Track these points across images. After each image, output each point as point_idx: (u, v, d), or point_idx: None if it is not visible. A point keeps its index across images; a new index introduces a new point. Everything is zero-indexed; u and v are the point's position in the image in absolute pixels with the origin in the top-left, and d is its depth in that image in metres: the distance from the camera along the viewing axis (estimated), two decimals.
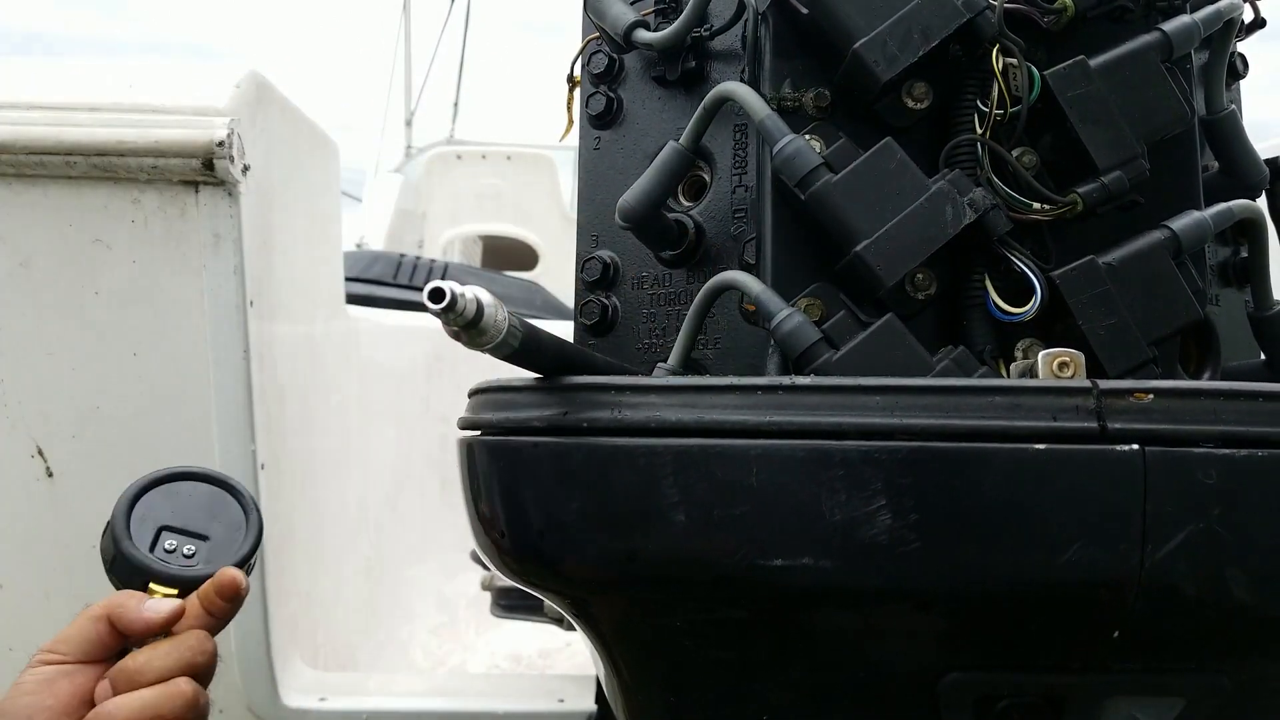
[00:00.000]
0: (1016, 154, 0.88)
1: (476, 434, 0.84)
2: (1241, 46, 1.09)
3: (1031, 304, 0.85)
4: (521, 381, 0.81)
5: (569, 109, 1.15)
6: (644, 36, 1.01)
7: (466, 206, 5.38)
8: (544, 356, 0.77)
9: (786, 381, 0.73)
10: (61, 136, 1.35)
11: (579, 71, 1.11)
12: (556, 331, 0.80)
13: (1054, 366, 0.77)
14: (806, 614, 0.75)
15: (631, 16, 1.02)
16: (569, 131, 1.16)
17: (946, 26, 0.85)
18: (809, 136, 0.87)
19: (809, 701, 0.80)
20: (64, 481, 1.25)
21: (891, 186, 0.84)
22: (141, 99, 1.37)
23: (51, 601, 1.42)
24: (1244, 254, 1.05)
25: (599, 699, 1.51)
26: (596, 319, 1.03)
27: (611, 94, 1.07)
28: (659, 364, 0.93)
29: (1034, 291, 0.85)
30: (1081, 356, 0.78)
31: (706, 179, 1.02)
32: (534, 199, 5.34)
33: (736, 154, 1.00)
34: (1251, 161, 1.02)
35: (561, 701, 1.53)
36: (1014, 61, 0.87)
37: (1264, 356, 1.02)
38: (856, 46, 0.86)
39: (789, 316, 0.83)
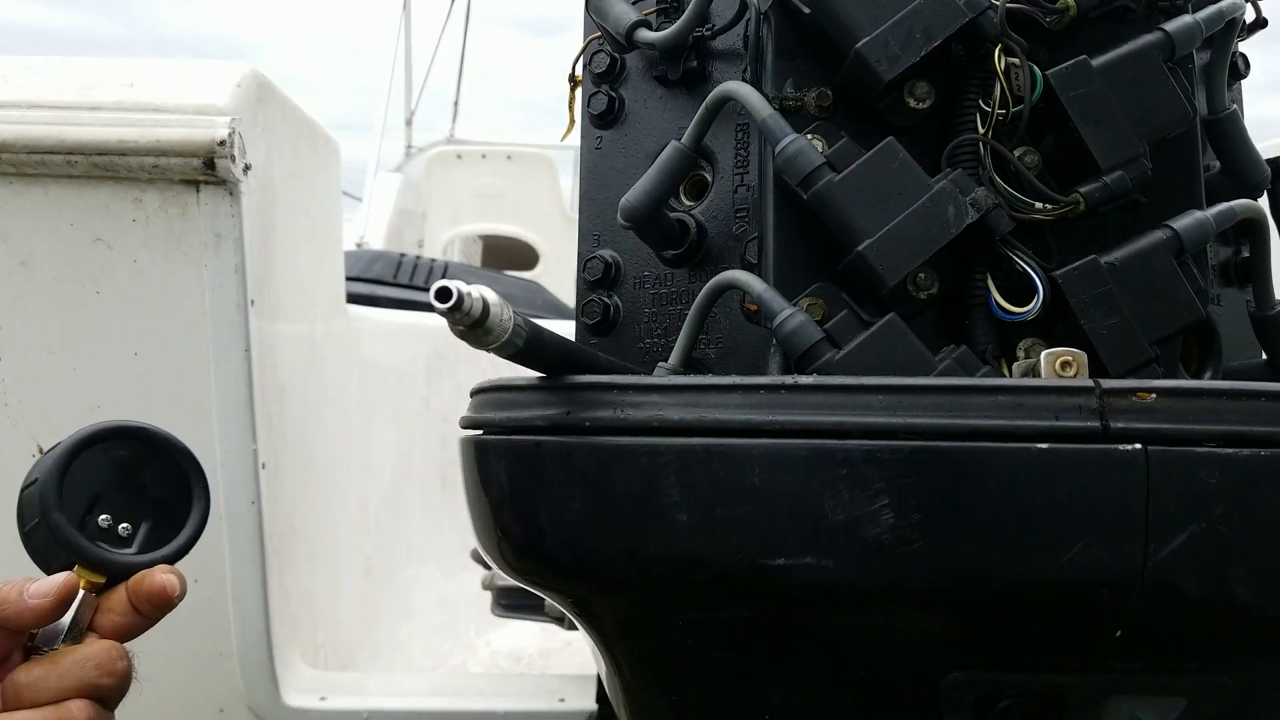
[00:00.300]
0: (1019, 154, 0.88)
1: (479, 433, 0.83)
2: (1243, 47, 1.09)
3: (1034, 303, 0.85)
4: (524, 381, 0.81)
5: (570, 108, 1.15)
6: (646, 36, 1.01)
7: (467, 206, 5.38)
8: (547, 356, 0.77)
9: (789, 381, 0.73)
10: (63, 136, 1.35)
11: (580, 71, 1.11)
12: (557, 331, 0.80)
13: (1056, 366, 0.77)
14: (809, 613, 0.75)
15: (633, 16, 1.02)
16: (570, 131, 1.16)
17: (948, 26, 0.85)
18: (811, 136, 0.87)
19: (811, 701, 0.80)
20: None
21: (894, 186, 0.84)
22: (143, 98, 1.37)
23: None
24: (1245, 254, 1.05)
25: (600, 698, 1.51)
26: (598, 318, 1.03)
27: (613, 93, 1.07)
28: (660, 363, 0.93)
29: (1036, 291, 0.85)
30: (1084, 356, 0.78)
31: (708, 178, 1.01)
32: (534, 199, 5.34)
33: (738, 153, 0.99)
34: (1253, 161, 1.02)
35: (562, 701, 1.54)
36: (1016, 61, 0.87)
37: (1265, 356, 1.02)
38: (859, 46, 0.85)
39: (791, 316, 0.83)
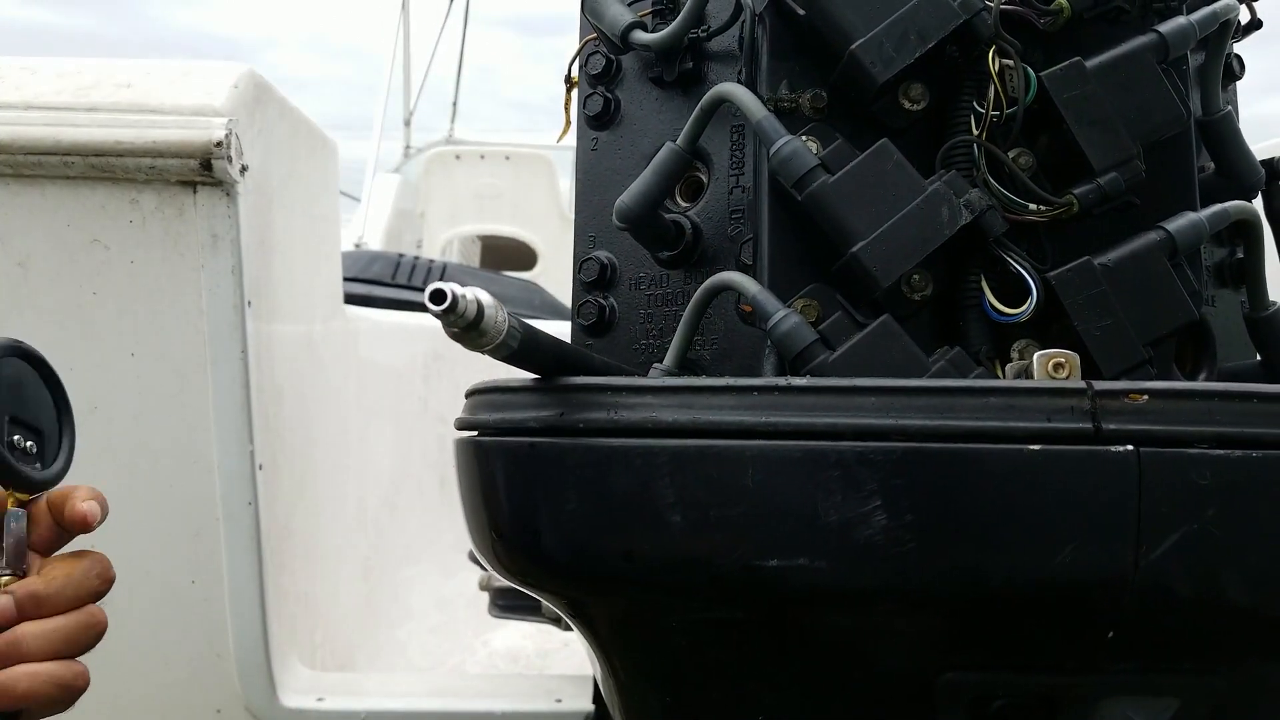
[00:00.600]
0: (1013, 155, 0.88)
1: (473, 434, 0.84)
2: (1238, 48, 1.09)
3: (1027, 305, 0.85)
4: (518, 382, 0.81)
5: (567, 110, 1.15)
6: (641, 38, 1.01)
7: (465, 206, 5.38)
8: (542, 357, 0.77)
9: (782, 382, 0.73)
10: (59, 137, 1.35)
11: (576, 72, 1.11)
12: (555, 332, 0.80)
13: (1049, 368, 0.77)
14: (802, 614, 0.75)
15: (629, 18, 1.02)
16: (566, 132, 1.16)
17: (943, 28, 0.85)
18: (806, 138, 0.87)
19: (805, 701, 0.80)
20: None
21: (888, 188, 0.84)
22: (139, 99, 1.37)
23: None
24: (1240, 255, 1.05)
25: (596, 699, 1.51)
26: (594, 319, 1.03)
27: (609, 95, 1.07)
28: (655, 364, 0.93)
29: (1030, 292, 0.85)
30: (1076, 358, 0.78)
31: (704, 179, 1.02)
32: (532, 199, 5.34)
33: (734, 155, 0.99)
34: (1247, 163, 1.02)
35: (559, 702, 1.53)
36: (1010, 63, 0.87)
37: (1260, 357, 1.02)
38: (853, 48, 0.86)
39: (785, 317, 0.83)
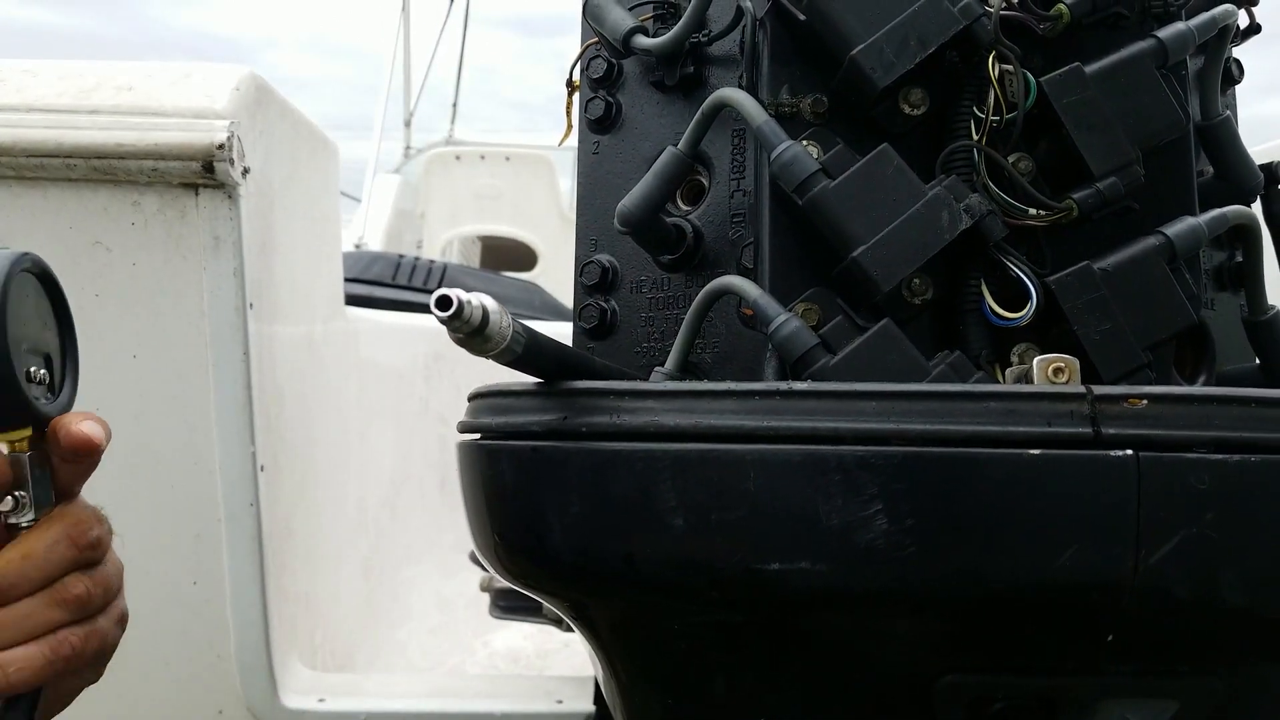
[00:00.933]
0: (1012, 160, 0.88)
1: (476, 438, 0.84)
2: (1238, 50, 1.09)
3: (1027, 309, 0.86)
4: (521, 386, 0.81)
5: (568, 113, 1.16)
6: (643, 42, 1.01)
7: (465, 207, 5.38)
8: (545, 361, 0.77)
9: (783, 387, 0.74)
10: (61, 139, 1.35)
11: (578, 76, 1.11)
12: (555, 333, 0.80)
13: (1049, 372, 0.77)
14: (803, 617, 0.76)
15: (630, 22, 1.02)
16: (568, 135, 1.16)
17: (943, 33, 0.86)
18: (806, 142, 0.88)
19: (805, 703, 0.81)
20: None
21: (888, 192, 0.84)
22: (141, 102, 1.37)
23: None
24: (1239, 258, 1.05)
25: (597, 700, 1.52)
26: (596, 323, 1.04)
27: (610, 99, 1.07)
28: (657, 368, 0.93)
29: (1029, 297, 0.85)
30: (1076, 362, 0.78)
31: (705, 183, 1.02)
32: (532, 200, 5.35)
33: (735, 159, 1.00)
34: (1246, 167, 1.02)
35: (560, 703, 1.54)
36: (1010, 68, 0.87)
37: (1258, 361, 1.02)
38: (854, 53, 0.86)
39: (786, 321, 0.84)
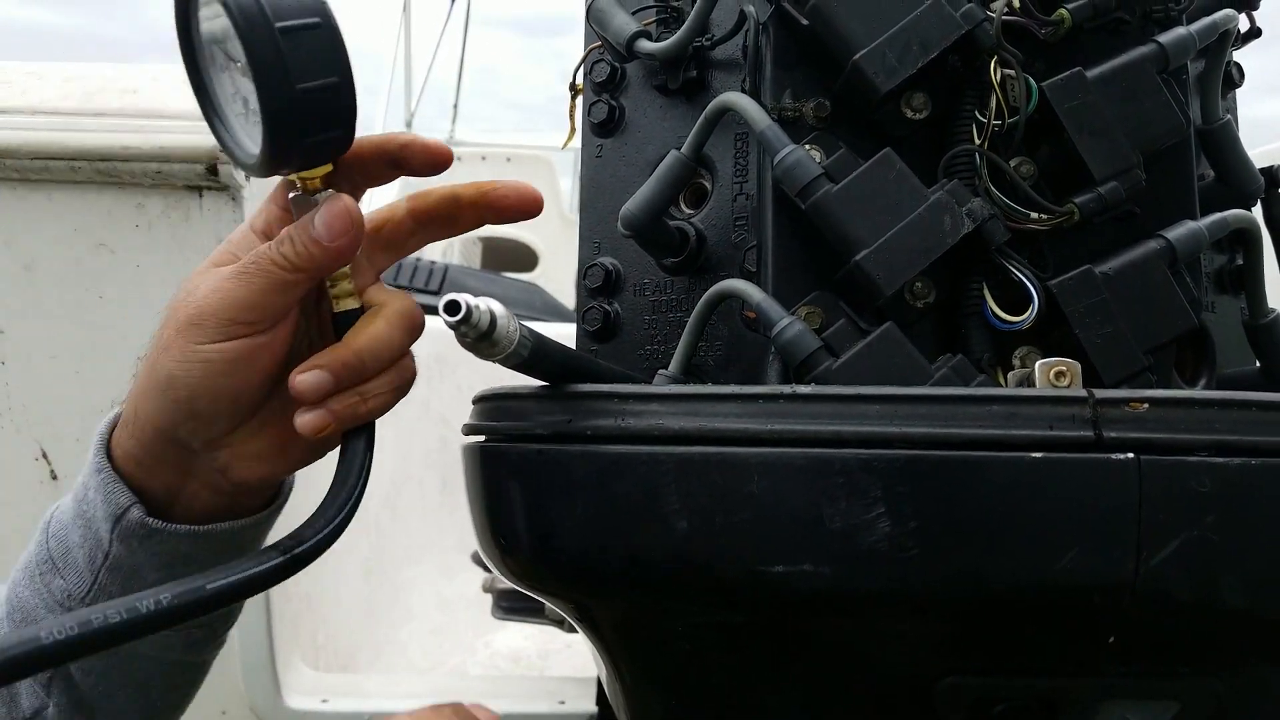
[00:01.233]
0: (1014, 164, 0.88)
1: (481, 440, 0.84)
2: (1237, 55, 1.10)
3: (1029, 313, 0.86)
4: (526, 389, 0.82)
5: (571, 116, 1.16)
6: (646, 47, 1.02)
7: None
8: (551, 365, 0.78)
9: (787, 390, 0.74)
10: (66, 141, 1.36)
11: (581, 80, 1.12)
12: (556, 334, 0.81)
13: (1051, 375, 0.77)
14: (806, 619, 0.76)
15: (634, 27, 1.03)
16: (571, 139, 1.17)
17: (945, 38, 0.86)
18: (809, 146, 0.88)
19: (808, 705, 0.81)
20: (69, 484, 1.27)
21: (891, 196, 0.85)
22: (145, 104, 1.38)
23: None
24: (1239, 262, 1.06)
25: (600, 701, 1.52)
26: (599, 326, 1.04)
27: (613, 102, 1.07)
28: (660, 371, 0.94)
29: (1031, 300, 0.86)
30: (1078, 366, 0.78)
31: (708, 187, 1.02)
32: None
33: (738, 162, 1.00)
34: (1247, 171, 1.03)
35: (562, 703, 1.54)
36: (1012, 73, 0.87)
37: (1259, 364, 1.03)
38: (856, 58, 0.86)
39: (789, 325, 0.84)
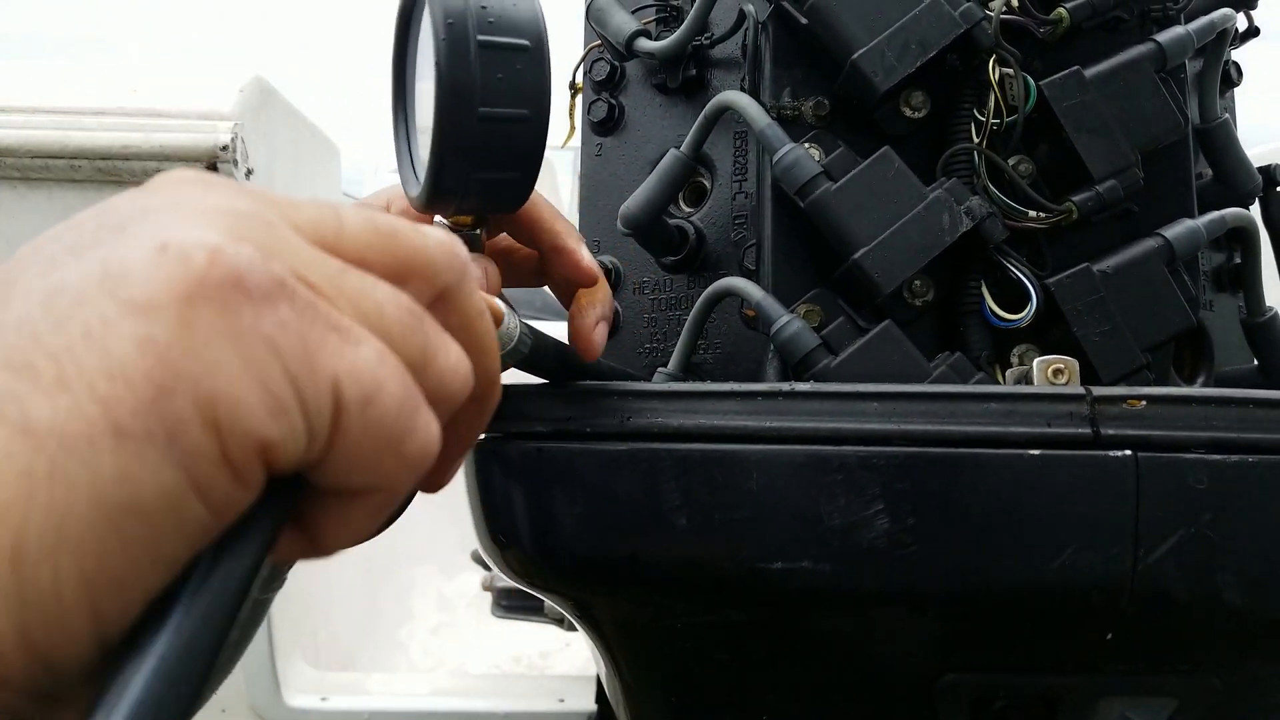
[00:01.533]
0: (1013, 163, 0.89)
1: (482, 437, 0.85)
2: (1236, 54, 1.10)
3: (1027, 311, 0.86)
4: (527, 386, 0.82)
5: (570, 115, 1.16)
6: (646, 45, 1.02)
7: None
8: (551, 362, 0.78)
9: (786, 388, 0.74)
10: (66, 140, 1.36)
11: (580, 79, 1.12)
12: (555, 332, 0.81)
13: (1049, 373, 0.78)
14: (806, 616, 0.76)
15: (633, 26, 1.03)
16: (570, 137, 1.17)
17: (944, 37, 0.86)
18: (808, 145, 0.88)
19: (807, 702, 0.81)
20: None
21: (890, 195, 0.85)
22: (146, 103, 1.38)
23: None
24: (1237, 260, 1.06)
25: (599, 699, 1.52)
26: None
27: (613, 101, 1.08)
28: (660, 369, 0.94)
29: (1029, 298, 0.86)
30: (1075, 363, 0.79)
31: (707, 185, 1.02)
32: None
33: (737, 160, 1.00)
34: (1244, 170, 1.03)
35: (562, 701, 1.55)
36: (1010, 72, 0.88)
37: (1256, 362, 1.03)
38: (855, 57, 0.87)
39: (788, 323, 0.84)
